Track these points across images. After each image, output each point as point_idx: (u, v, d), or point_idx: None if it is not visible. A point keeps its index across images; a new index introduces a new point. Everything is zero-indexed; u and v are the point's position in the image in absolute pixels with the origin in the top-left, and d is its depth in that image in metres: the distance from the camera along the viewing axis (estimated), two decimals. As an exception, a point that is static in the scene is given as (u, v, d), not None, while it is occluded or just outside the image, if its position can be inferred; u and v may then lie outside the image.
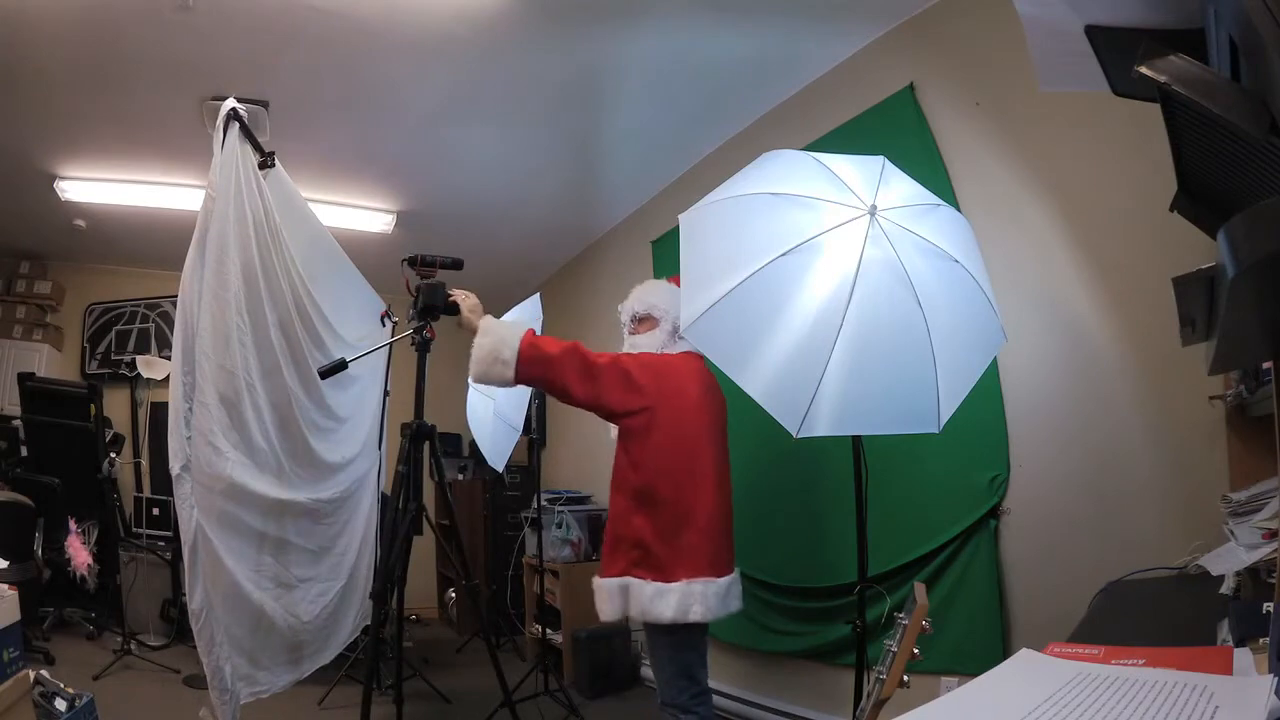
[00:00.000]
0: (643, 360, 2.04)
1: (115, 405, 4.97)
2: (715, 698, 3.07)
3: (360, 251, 3.53)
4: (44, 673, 1.98)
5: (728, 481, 2.10)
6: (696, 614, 1.89)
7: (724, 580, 1.98)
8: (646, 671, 3.54)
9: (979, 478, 2.25)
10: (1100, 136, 2.00)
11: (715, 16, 2.60)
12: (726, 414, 2.16)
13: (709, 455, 2.05)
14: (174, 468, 2.11)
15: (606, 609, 1.99)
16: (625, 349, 2.22)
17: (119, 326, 5.34)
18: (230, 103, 2.38)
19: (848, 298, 1.58)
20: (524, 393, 3.18)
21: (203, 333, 2.20)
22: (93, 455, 3.96)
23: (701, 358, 2.06)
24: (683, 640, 1.99)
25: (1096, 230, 2.06)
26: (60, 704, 1.92)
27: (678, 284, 2.01)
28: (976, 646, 2.13)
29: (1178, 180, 0.87)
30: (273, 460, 2.54)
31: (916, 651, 0.84)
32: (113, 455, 4.04)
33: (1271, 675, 0.70)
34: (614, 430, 2.09)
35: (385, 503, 3.25)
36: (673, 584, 1.91)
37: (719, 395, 2.14)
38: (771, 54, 2.86)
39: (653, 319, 2.20)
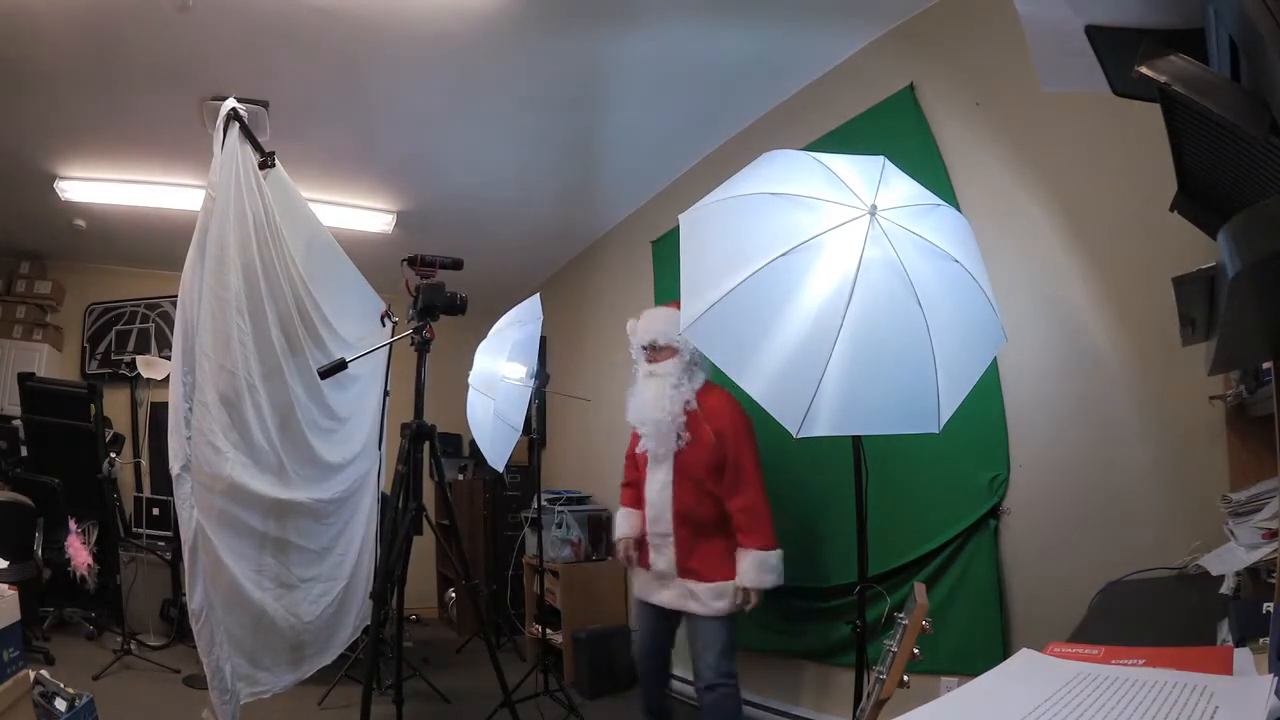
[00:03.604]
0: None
1: (115, 405, 4.96)
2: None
3: (360, 251, 3.53)
4: (44, 673, 1.98)
5: None
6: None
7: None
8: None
9: (979, 478, 2.24)
10: (1100, 136, 2.00)
11: (715, 16, 2.60)
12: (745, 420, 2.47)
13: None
14: (174, 468, 2.11)
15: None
16: (642, 375, 2.54)
17: (119, 326, 5.34)
18: (230, 103, 2.38)
19: (848, 298, 1.58)
20: (524, 393, 3.18)
21: (203, 333, 2.20)
22: (93, 455, 3.96)
23: (718, 388, 2.46)
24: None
25: (1096, 230, 2.06)
26: (60, 704, 1.92)
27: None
28: (976, 646, 2.13)
29: (1178, 180, 0.87)
30: (273, 460, 2.54)
31: (916, 651, 0.84)
32: (113, 455, 4.04)
33: (1271, 675, 0.70)
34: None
35: (385, 503, 3.25)
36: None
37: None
38: (771, 54, 2.86)
39: (672, 348, 2.47)
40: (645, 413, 2.46)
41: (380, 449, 3.58)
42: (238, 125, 2.40)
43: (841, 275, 1.61)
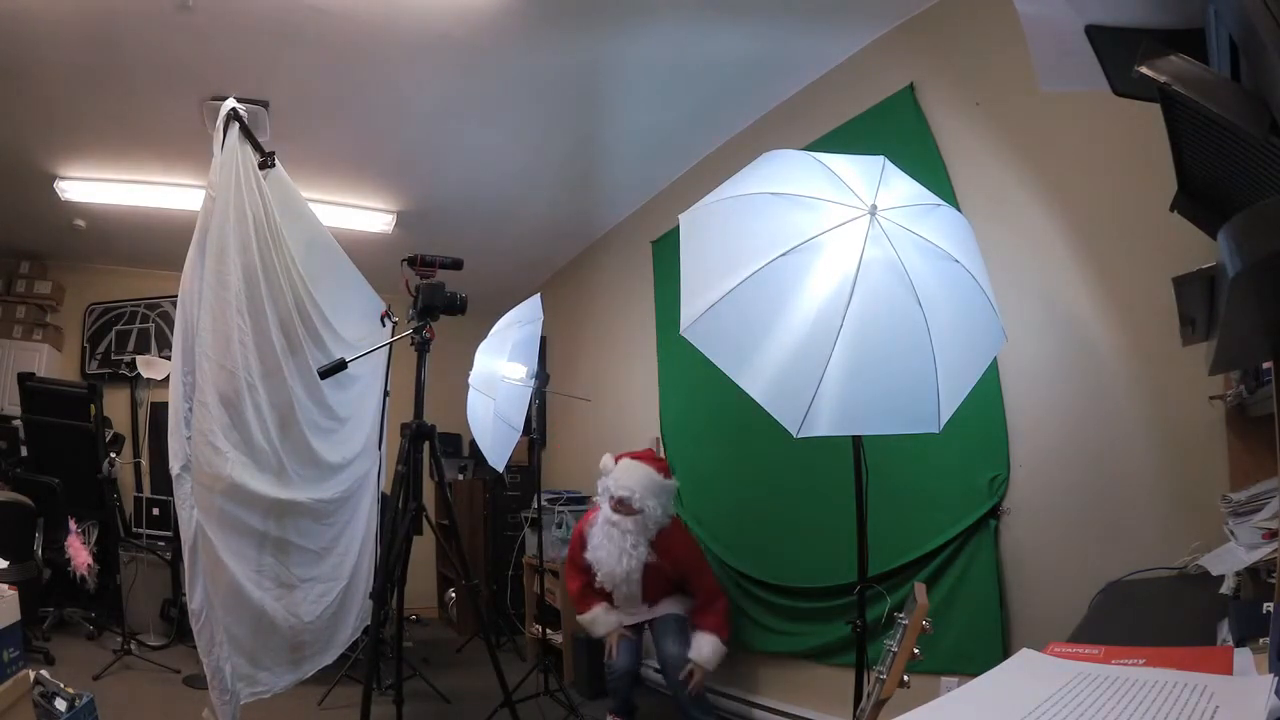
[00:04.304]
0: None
1: (115, 405, 4.96)
2: (715, 697, 3.12)
3: (360, 251, 3.53)
4: (44, 673, 1.98)
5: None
6: None
7: None
8: (645, 672, 3.55)
9: (979, 478, 2.24)
10: (1100, 136, 2.00)
11: (715, 16, 2.60)
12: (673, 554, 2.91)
13: None
14: (174, 468, 2.11)
15: None
16: (603, 519, 2.87)
17: (119, 326, 5.34)
18: (230, 103, 2.38)
19: (848, 297, 1.58)
20: (524, 393, 3.18)
21: (203, 333, 2.20)
22: (93, 455, 3.95)
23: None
24: None
25: (1096, 230, 2.06)
26: (60, 704, 1.91)
27: (656, 469, 2.89)
28: (976, 646, 2.13)
29: (1178, 180, 0.87)
30: (273, 460, 2.54)
31: (917, 651, 0.84)
32: (113, 455, 4.03)
33: (1271, 675, 0.70)
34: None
35: (385, 503, 3.25)
36: None
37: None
38: (771, 54, 2.86)
39: (631, 508, 2.79)
40: (607, 566, 2.86)
41: (380, 449, 3.58)
42: (238, 125, 2.40)
43: (842, 275, 1.61)
